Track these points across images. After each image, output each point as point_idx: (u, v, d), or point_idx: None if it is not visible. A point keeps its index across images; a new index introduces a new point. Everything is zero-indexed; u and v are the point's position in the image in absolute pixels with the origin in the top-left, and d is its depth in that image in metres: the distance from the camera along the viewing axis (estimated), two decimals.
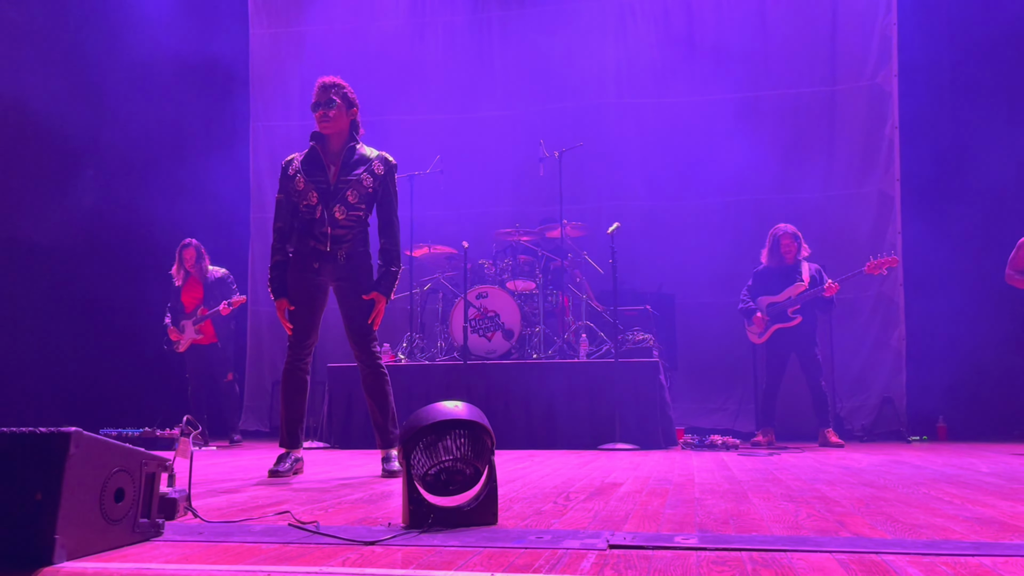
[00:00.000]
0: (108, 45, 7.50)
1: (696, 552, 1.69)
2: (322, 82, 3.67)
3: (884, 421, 7.06)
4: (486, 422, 2.10)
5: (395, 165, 3.79)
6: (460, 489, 2.09)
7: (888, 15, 7.44)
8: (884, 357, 7.18)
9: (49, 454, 1.63)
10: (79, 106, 7.15)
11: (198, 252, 6.59)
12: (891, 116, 7.34)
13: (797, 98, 7.69)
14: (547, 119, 8.02)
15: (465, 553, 1.71)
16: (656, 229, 7.74)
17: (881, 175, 7.37)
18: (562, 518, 2.20)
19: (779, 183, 7.60)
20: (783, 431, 6.39)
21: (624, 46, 8.06)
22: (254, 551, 1.75)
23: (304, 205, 3.65)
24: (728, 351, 7.28)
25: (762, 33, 7.81)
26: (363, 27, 8.57)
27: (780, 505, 2.46)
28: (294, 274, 3.68)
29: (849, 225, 7.39)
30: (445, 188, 7.17)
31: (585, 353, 6.13)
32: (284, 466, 3.59)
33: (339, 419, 6.10)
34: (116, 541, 1.77)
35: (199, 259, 6.59)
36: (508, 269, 6.55)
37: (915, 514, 2.26)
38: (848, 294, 6.83)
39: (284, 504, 2.55)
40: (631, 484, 3.10)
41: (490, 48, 8.37)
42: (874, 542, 1.80)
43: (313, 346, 3.75)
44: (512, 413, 5.84)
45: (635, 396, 5.70)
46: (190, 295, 6.60)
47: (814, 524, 2.08)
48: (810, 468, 3.89)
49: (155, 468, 1.91)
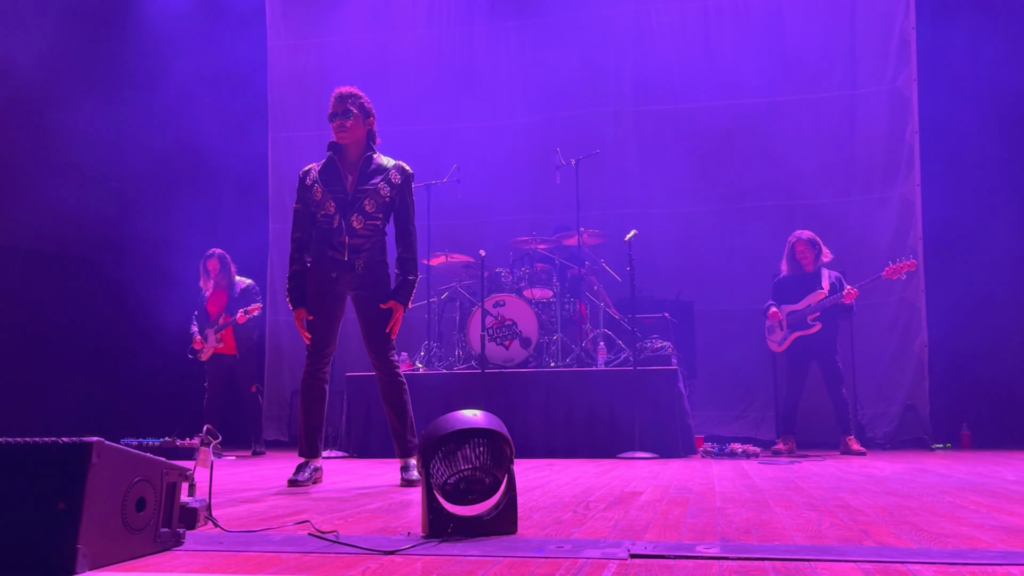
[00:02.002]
0: (127, 56, 7.59)
1: (718, 562, 1.67)
2: (339, 92, 3.69)
3: (907, 429, 6.97)
4: (505, 431, 2.09)
5: (412, 174, 3.81)
6: (480, 498, 2.08)
7: (907, 19, 7.38)
8: (906, 364, 7.09)
9: (72, 464, 1.64)
10: (99, 119, 7.24)
11: (223, 262, 6.63)
12: (911, 120, 7.28)
13: (816, 103, 7.64)
14: (564, 127, 8.01)
15: (485, 563, 1.70)
16: (674, 236, 7.70)
17: (902, 180, 7.30)
18: (582, 527, 2.19)
19: (799, 188, 7.54)
20: (804, 439, 6.33)
21: (641, 53, 8.04)
22: (274, 560, 1.75)
23: (322, 215, 3.67)
24: (748, 359, 7.22)
25: (780, 38, 7.77)
26: (380, 38, 8.61)
27: (802, 514, 2.44)
28: (312, 284, 3.70)
29: (870, 231, 7.32)
30: (462, 197, 7.18)
31: (603, 361, 6.10)
32: (303, 475, 3.59)
33: (358, 428, 6.11)
34: (138, 550, 1.78)
35: (224, 269, 6.64)
36: (525, 277, 6.55)
37: (940, 523, 2.23)
38: (869, 300, 6.76)
39: (304, 513, 2.55)
40: (651, 493, 3.07)
41: (507, 57, 8.38)
42: (899, 551, 1.78)
43: (332, 355, 3.76)
44: (530, 422, 5.82)
45: (654, 404, 5.67)
46: (215, 304, 6.65)
47: (837, 533, 2.05)
48: (832, 476, 3.85)
49: (176, 478, 1.91)
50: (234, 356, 6.66)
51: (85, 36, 7.28)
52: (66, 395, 6.77)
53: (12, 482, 1.65)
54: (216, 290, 6.66)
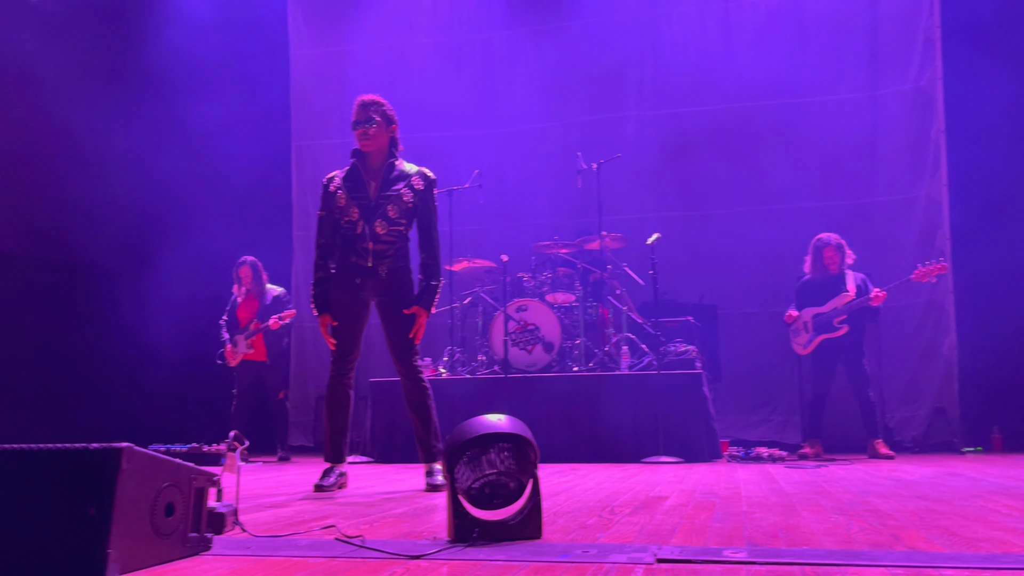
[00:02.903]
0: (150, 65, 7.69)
1: (746, 566, 1.66)
2: (361, 100, 3.72)
3: (936, 432, 6.86)
4: (530, 435, 2.09)
5: (434, 180, 3.82)
6: (504, 503, 2.08)
7: (931, 17, 7.30)
8: (935, 366, 7.00)
9: (102, 470, 1.66)
10: (124, 128, 7.34)
11: (254, 270, 6.70)
12: (937, 120, 7.19)
13: (839, 104, 7.56)
14: (584, 131, 8.00)
15: (511, 567, 1.70)
16: (697, 239, 7.66)
17: (928, 180, 7.21)
18: (607, 532, 2.18)
19: (822, 190, 7.47)
20: (831, 443, 6.26)
21: (661, 55, 8.02)
22: (301, 565, 1.76)
23: (346, 221, 3.69)
24: (773, 362, 7.16)
25: (802, 39, 7.71)
26: (401, 46, 8.66)
27: (831, 518, 2.41)
28: (337, 290, 3.72)
29: (895, 231, 7.24)
30: (483, 202, 7.19)
31: (627, 365, 6.08)
32: (329, 480, 3.61)
33: (382, 433, 6.13)
34: (166, 555, 1.80)
35: (256, 277, 6.70)
36: (547, 282, 6.54)
37: (972, 527, 2.19)
38: (897, 302, 6.68)
39: (329, 518, 2.57)
40: (677, 497, 3.06)
41: (526, 62, 8.39)
42: (931, 556, 1.75)
43: (356, 361, 3.78)
44: (554, 426, 5.81)
45: (678, 408, 5.64)
46: (246, 311, 6.71)
47: (867, 538, 2.03)
48: (860, 480, 3.80)
49: (204, 483, 1.93)
50: (263, 363, 6.71)
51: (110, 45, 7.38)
52: (94, 401, 6.85)
53: (44, 488, 1.67)
54: (248, 297, 6.72)
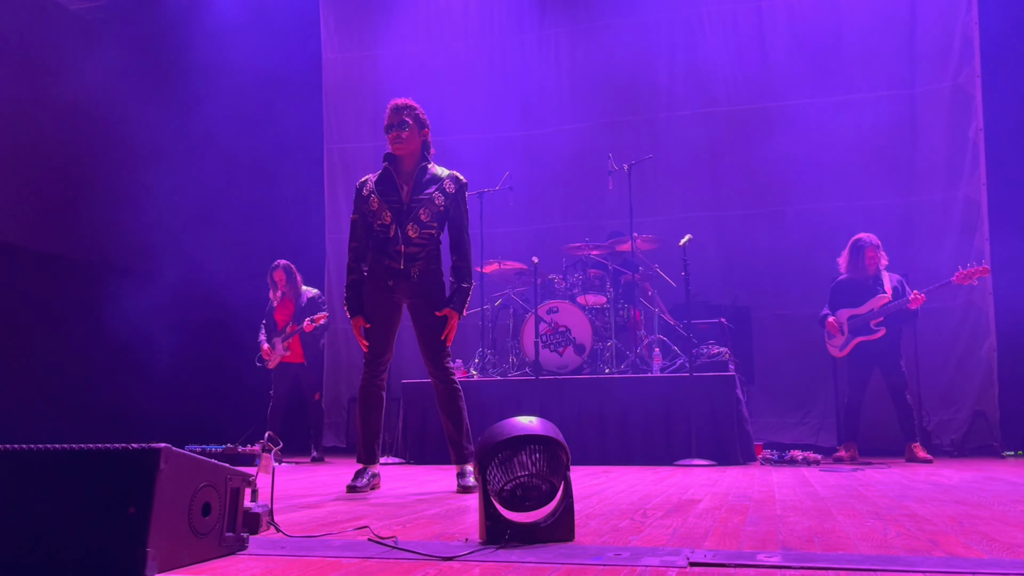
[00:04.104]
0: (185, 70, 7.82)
1: (780, 571, 1.65)
2: (394, 104, 3.75)
3: (975, 436, 6.74)
4: (561, 437, 2.09)
5: (466, 184, 3.85)
6: (536, 505, 2.08)
7: (969, 13, 7.17)
8: (974, 369, 6.86)
9: (141, 469, 1.69)
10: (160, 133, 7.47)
11: (288, 273, 6.79)
12: (975, 118, 7.06)
13: (875, 102, 7.46)
14: (615, 132, 7.99)
15: (543, 569, 1.70)
16: (729, 240, 7.60)
17: (966, 180, 7.08)
18: (640, 535, 2.17)
19: (858, 189, 7.37)
20: (867, 446, 6.17)
21: (693, 55, 7.96)
22: (335, 565, 1.78)
23: (378, 224, 3.72)
24: (808, 364, 7.07)
25: (836, 37, 7.62)
26: (433, 49, 8.71)
27: (867, 523, 2.38)
28: (369, 292, 3.76)
29: (933, 232, 7.12)
30: (514, 204, 7.20)
31: (659, 367, 6.05)
32: (362, 481, 3.64)
33: (414, 435, 6.16)
34: (203, 554, 1.83)
35: (291, 279, 6.79)
36: (578, 284, 6.53)
37: (1013, 533, 2.15)
38: (935, 304, 6.57)
39: (362, 519, 2.59)
40: (709, 500, 3.03)
41: (557, 64, 8.40)
42: (970, 562, 1.72)
43: (388, 362, 3.81)
44: (585, 429, 5.80)
45: (711, 411, 5.59)
46: (283, 313, 6.80)
47: (904, 543, 2.00)
48: (897, 484, 3.75)
49: (240, 483, 1.96)
50: (301, 364, 6.79)
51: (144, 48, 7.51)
52: (133, 402, 6.97)
53: (85, 487, 1.71)
54: (283, 300, 6.81)
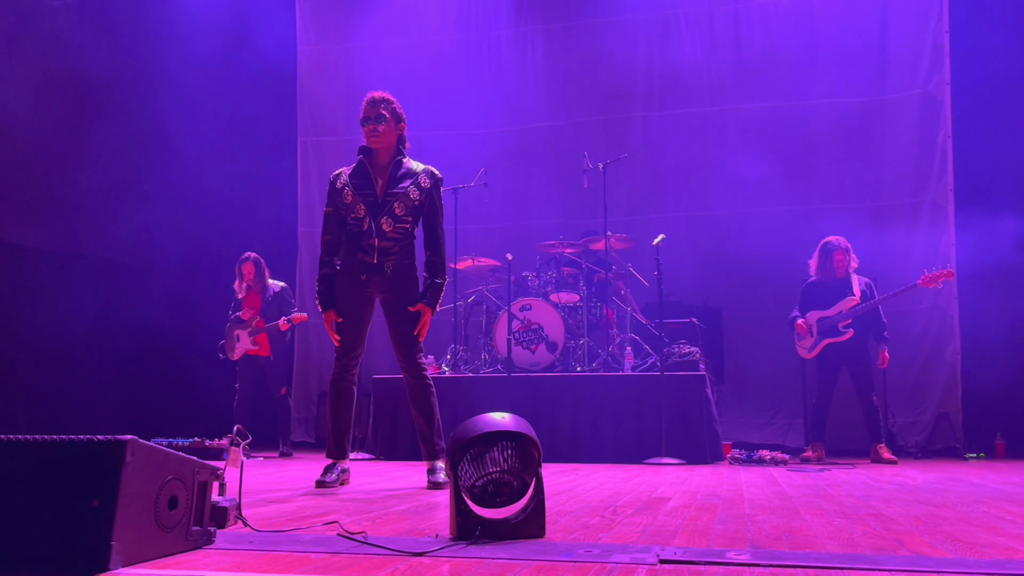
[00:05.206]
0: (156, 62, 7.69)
1: (749, 568, 1.66)
2: (371, 97, 3.72)
3: (939, 437, 6.86)
4: (533, 434, 2.09)
5: (441, 179, 3.83)
6: (507, 501, 2.08)
7: (940, 22, 7.29)
8: (939, 372, 6.99)
9: (106, 462, 1.66)
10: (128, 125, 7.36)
11: (257, 266, 6.71)
12: (943, 125, 7.18)
13: (847, 107, 7.56)
14: (591, 131, 8.01)
15: (513, 566, 1.70)
16: (702, 241, 7.65)
17: (934, 185, 7.20)
18: (610, 532, 2.18)
19: (828, 192, 7.47)
20: (833, 447, 6.25)
21: (669, 56, 8.01)
22: (304, 560, 1.76)
23: (352, 218, 3.69)
24: (777, 365, 7.15)
25: (810, 42, 7.70)
26: (409, 44, 8.66)
27: (834, 522, 2.41)
28: (342, 286, 3.72)
29: (900, 236, 7.22)
30: (489, 201, 7.19)
31: (630, 366, 6.08)
32: (331, 477, 3.61)
33: (384, 431, 6.13)
34: (169, 548, 1.80)
35: (259, 273, 6.72)
36: (552, 281, 6.54)
37: (976, 533, 2.19)
38: (901, 307, 6.67)
39: (332, 514, 2.57)
40: (679, 499, 3.05)
41: (534, 61, 8.40)
42: (935, 561, 1.74)
43: (360, 357, 3.78)
44: (556, 426, 5.81)
45: (681, 410, 5.63)
46: (249, 306, 6.72)
47: (870, 542, 2.02)
48: (863, 484, 3.80)
49: (207, 477, 1.93)
50: (267, 358, 6.72)
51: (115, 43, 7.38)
52: (97, 395, 6.86)
53: (48, 479, 1.67)
54: (250, 293, 6.73)
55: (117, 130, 7.23)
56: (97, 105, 7.08)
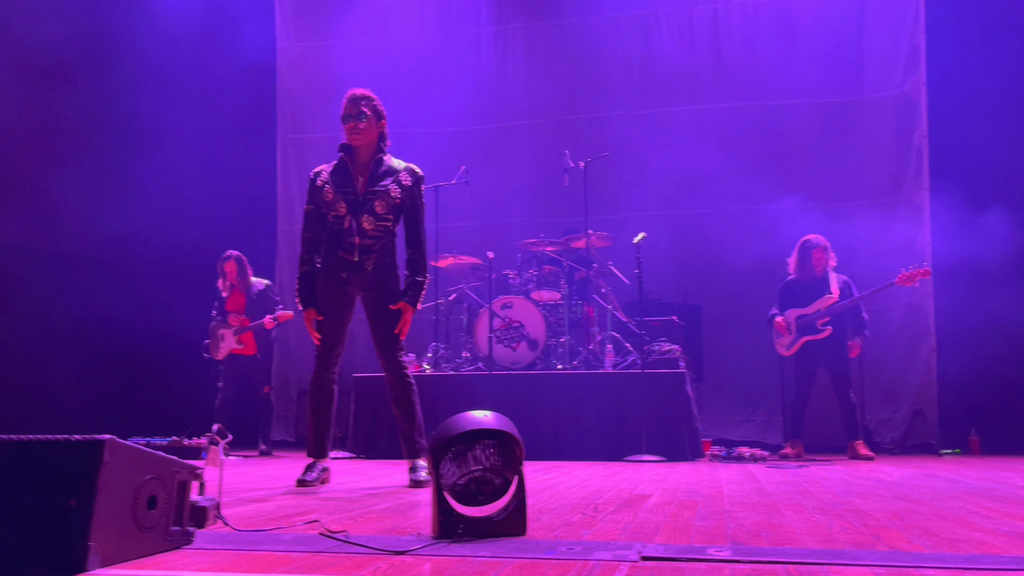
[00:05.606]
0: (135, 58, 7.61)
1: (730, 565, 1.67)
2: (352, 94, 3.70)
3: (915, 434, 6.94)
4: (515, 432, 2.09)
5: (422, 176, 3.81)
6: (489, 499, 2.08)
7: (916, 23, 7.37)
8: (915, 369, 7.07)
9: (84, 461, 1.64)
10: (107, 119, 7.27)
11: (240, 264, 6.66)
12: (920, 125, 7.26)
13: (824, 107, 7.62)
14: (572, 129, 8.02)
15: (495, 563, 1.70)
16: (682, 239, 7.69)
17: (910, 185, 7.28)
18: (592, 529, 2.19)
19: (808, 192, 7.51)
20: (811, 444, 6.31)
21: (649, 55, 8.04)
22: (284, 560, 1.75)
23: (332, 216, 3.67)
24: (756, 362, 7.20)
25: (789, 42, 7.75)
26: (389, 41, 8.63)
27: (813, 518, 2.43)
28: (322, 284, 3.71)
29: (877, 235, 7.29)
30: (470, 199, 7.18)
31: (611, 364, 6.09)
32: (311, 475, 3.60)
33: (365, 429, 6.11)
34: (148, 548, 1.78)
35: (241, 271, 6.66)
36: (533, 279, 6.54)
37: (952, 528, 2.22)
38: (878, 305, 6.74)
39: (313, 513, 2.55)
40: (660, 496, 3.07)
41: (515, 59, 8.39)
42: (912, 556, 1.77)
43: (340, 356, 3.77)
44: (537, 424, 5.81)
45: (661, 407, 5.66)
46: (233, 305, 6.66)
47: (849, 537, 2.04)
48: (841, 481, 3.83)
49: (186, 476, 1.92)
50: (252, 356, 6.67)
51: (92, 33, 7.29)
52: (75, 393, 6.78)
53: (25, 479, 1.65)
54: (233, 291, 6.68)
55: (93, 126, 7.15)
56: (73, 101, 6.99)
